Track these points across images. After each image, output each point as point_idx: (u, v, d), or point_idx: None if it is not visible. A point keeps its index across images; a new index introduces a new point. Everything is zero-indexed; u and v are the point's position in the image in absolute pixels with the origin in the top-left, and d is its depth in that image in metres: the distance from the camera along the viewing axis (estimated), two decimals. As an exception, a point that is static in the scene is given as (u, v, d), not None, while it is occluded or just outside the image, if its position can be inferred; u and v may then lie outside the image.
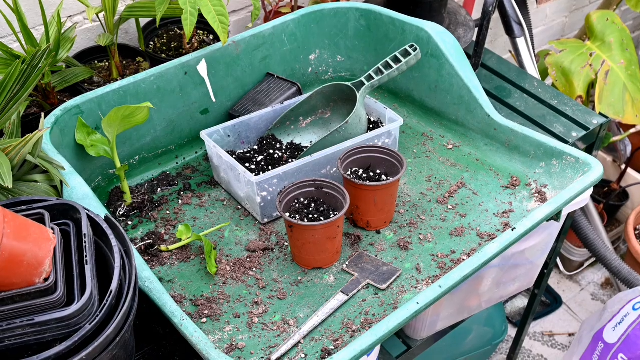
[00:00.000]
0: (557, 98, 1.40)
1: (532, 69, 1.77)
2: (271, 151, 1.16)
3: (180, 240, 1.02)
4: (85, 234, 0.73)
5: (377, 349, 1.11)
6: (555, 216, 1.06)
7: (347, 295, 0.95)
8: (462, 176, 1.16)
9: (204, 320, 0.91)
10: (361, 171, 1.08)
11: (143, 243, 1.02)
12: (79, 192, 0.90)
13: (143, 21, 1.49)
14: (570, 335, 2.23)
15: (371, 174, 1.08)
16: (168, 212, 1.10)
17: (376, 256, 1.02)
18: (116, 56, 1.36)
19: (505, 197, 1.11)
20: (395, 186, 1.04)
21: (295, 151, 1.16)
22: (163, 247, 1.02)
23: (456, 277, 0.87)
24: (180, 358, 0.95)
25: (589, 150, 1.41)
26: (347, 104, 1.18)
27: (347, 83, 1.16)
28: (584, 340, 1.76)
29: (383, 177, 1.07)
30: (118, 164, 1.04)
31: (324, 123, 1.22)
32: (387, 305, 0.94)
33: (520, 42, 1.76)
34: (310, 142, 1.20)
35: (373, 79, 1.15)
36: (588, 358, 1.73)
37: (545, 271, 1.63)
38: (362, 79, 1.15)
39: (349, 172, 1.06)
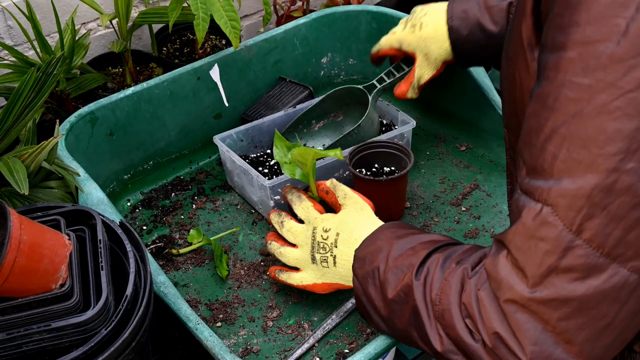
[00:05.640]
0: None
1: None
2: (284, 155, 1.16)
3: (191, 244, 1.02)
4: (100, 240, 0.74)
5: (393, 352, 1.11)
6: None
7: (361, 299, 0.94)
8: (476, 177, 1.16)
9: (219, 324, 0.92)
10: (365, 170, 1.08)
11: (154, 245, 1.03)
12: (94, 197, 0.91)
13: (156, 27, 1.51)
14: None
15: (374, 169, 1.09)
16: (182, 216, 1.10)
17: (390, 259, 1.01)
18: (130, 62, 1.37)
19: (520, 198, 1.10)
20: (404, 180, 1.05)
21: (308, 154, 1.16)
22: (174, 251, 1.02)
23: (470, 280, 0.87)
24: (195, 362, 0.95)
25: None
26: (359, 106, 1.18)
27: (359, 86, 1.16)
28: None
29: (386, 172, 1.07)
30: (314, 191, 0.96)
31: (337, 126, 1.22)
32: (401, 308, 0.93)
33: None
34: (323, 145, 1.21)
35: (385, 81, 1.15)
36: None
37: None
38: (374, 81, 1.15)
39: (358, 170, 1.06)
